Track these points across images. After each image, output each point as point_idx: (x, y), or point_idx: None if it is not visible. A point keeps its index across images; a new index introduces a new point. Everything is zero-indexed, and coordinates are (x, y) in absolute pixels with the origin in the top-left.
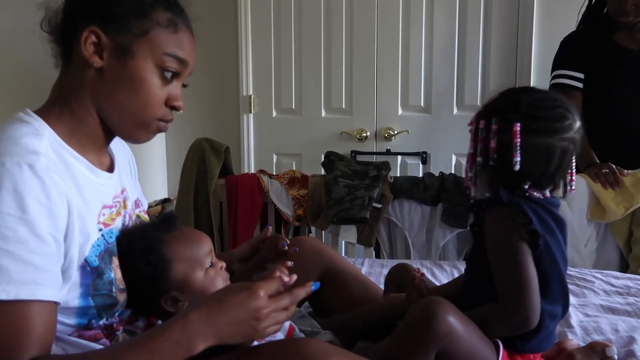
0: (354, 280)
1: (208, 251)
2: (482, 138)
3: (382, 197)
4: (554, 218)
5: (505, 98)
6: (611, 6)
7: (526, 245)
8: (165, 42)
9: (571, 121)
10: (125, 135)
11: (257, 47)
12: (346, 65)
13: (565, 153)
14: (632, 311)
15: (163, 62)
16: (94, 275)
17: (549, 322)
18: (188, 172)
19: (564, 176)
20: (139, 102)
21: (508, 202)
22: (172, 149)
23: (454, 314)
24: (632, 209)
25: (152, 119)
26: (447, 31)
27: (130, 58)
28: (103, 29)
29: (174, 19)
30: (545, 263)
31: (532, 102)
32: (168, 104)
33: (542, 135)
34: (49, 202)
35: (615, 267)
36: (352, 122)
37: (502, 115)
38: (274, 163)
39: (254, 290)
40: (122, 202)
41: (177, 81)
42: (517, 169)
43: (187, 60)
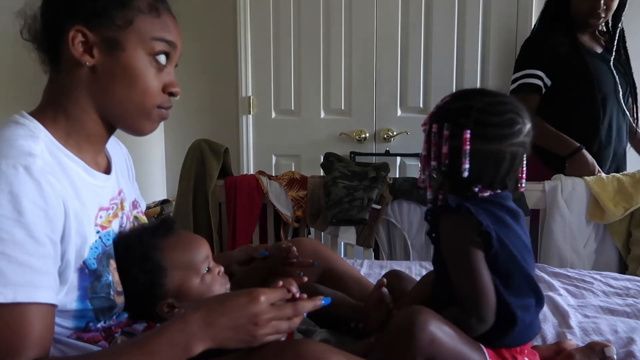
0: (353, 282)
1: (205, 257)
2: (435, 142)
3: (381, 198)
4: (507, 211)
5: (458, 102)
6: (581, 8)
7: (478, 248)
8: (150, 27)
9: (521, 125)
10: (130, 129)
11: (256, 48)
12: (345, 67)
13: (515, 157)
14: (631, 312)
15: (153, 48)
16: (92, 278)
17: (523, 315)
18: (187, 173)
19: (514, 177)
20: (137, 93)
21: (457, 207)
22: (171, 150)
23: (435, 320)
24: (631, 210)
25: (152, 107)
26: (445, 33)
27: (120, 50)
28: (88, 27)
29: (154, 3)
30: (503, 260)
31: (483, 107)
32: (165, 90)
33: (492, 142)
34: (45, 204)
35: (614, 268)
36: (351, 123)
37: (454, 121)
38: (273, 164)
39: (255, 295)
40: (120, 204)
41: (169, 65)
42: (465, 176)
43: (175, 42)
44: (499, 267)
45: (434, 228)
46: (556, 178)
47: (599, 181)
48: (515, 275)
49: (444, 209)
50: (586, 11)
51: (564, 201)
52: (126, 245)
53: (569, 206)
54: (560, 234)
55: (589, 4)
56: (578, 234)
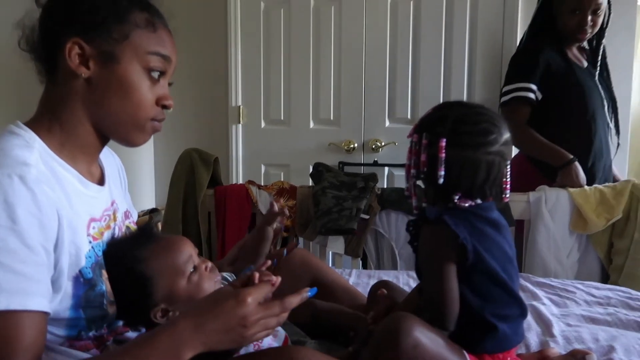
0: (341, 291)
1: (187, 257)
2: (415, 151)
3: (370, 208)
4: (489, 222)
5: (436, 112)
6: (569, 23)
7: (450, 261)
8: (146, 42)
9: (496, 135)
10: (122, 140)
11: (246, 58)
12: (334, 77)
13: (491, 166)
14: (612, 321)
15: (148, 62)
16: (86, 287)
17: (502, 325)
18: (177, 183)
19: (495, 186)
20: (131, 105)
21: (435, 219)
22: (160, 159)
23: (418, 326)
24: (613, 221)
25: (145, 119)
26: (433, 45)
27: (116, 63)
28: (84, 39)
29: (151, 18)
30: (481, 271)
31: (459, 116)
32: (159, 103)
33: (466, 150)
34: (39, 213)
35: (596, 278)
36: (340, 133)
37: (431, 130)
38: (262, 174)
39: (242, 298)
40: (112, 215)
41: (163, 79)
42: (441, 182)
43: (170, 56)
44: (475, 278)
45: (415, 238)
46: (540, 189)
47: (582, 192)
48: (492, 287)
49: (423, 220)
50: (574, 26)
51: (548, 212)
52: (111, 261)
53: (552, 217)
54: (544, 244)
55: (577, 20)
56: (562, 245)
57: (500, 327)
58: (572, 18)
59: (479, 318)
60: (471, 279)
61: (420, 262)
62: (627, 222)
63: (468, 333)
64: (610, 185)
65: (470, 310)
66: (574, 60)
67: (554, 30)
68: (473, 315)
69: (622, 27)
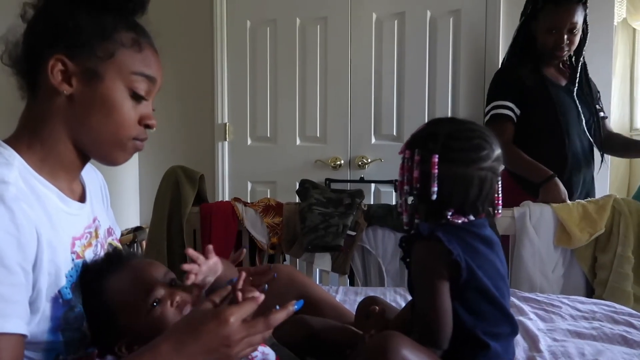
0: (328, 308)
1: (148, 291)
2: (408, 167)
3: (356, 224)
4: (481, 239)
5: (428, 129)
6: (547, 42)
7: (443, 278)
8: (131, 61)
9: (488, 151)
10: (103, 159)
11: (232, 75)
12: (320, 95)
13: (483, 182)
14: (597, 335)
15: (132, 82)
16: (65, 308)
17: (494, 343)
18: (162, 200)
19: (487, 202)
20: (113, 124)
21: (428, 235)
22: (145, 176)
23: (406, 345)
24: (596, 235)
25: (127, 139)
26: (417, 63)
27: (99, 81)
28: (68, 56)
29: (137, 38)
30: (473, 289)
31: (450, 133)
32: (141, 122)
33: (459, 166)
34: (17, 232)
35: (581, 292)
36: (326, 150)
37: (423, 146)
38: (248, 191)
39: (224, 318)
40: (94, 232)
41: (147, 99)
42: (434, 199)
43: (155, 77)
44: (468, 295)
45: (407, 254)
46: (524, 204)
47: (565, 207)
48: (485, 304)
49: (416, 236)
50: (551, 45)
51: (533, 227)
52: (81, 285)
53: (537, 232)
54: (529, 259)
55: (554, 39)
56: (547, 259)
57: (493, 345)
58: (549, 37)
59: (471, 336)
60: (464, 296)
61: (412, 278)
62: (610, 237)
63: (459, 351)
64: (592, 200)
65: (462, 328)
66: (551, 78)
67: (533, 50)
68: (465, 334)
69: (600, 47)
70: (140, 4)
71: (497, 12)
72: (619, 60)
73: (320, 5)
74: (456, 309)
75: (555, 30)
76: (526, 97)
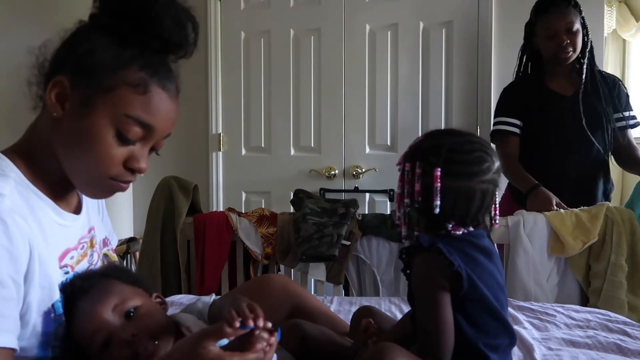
0: (323, 318)
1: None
2: (409, 180)
3: (351, 234)
4: (481, 250)
5: (429, 141)
6: (549, 48)
7: (444, 290)
8: (128, 103)
9: (489, 163)
10: (78, 189)
11: (226, 85)
12: (315, 105)
13: (485, 194)
14: (592, 344)
15: (121, 124)
16: (57, 323)
17: (493, 355)
18: (155, 211)
19: (487, 213)
20: (88, 159)
21: (428, 247)
22: (139, 186)
23: (402, 357)
24: (589, 244)
25: (102, 177)
26: (411, 74)
27: (88, 113)
28: (70, 80)
29: (146, 79)
30: (474, 300)
31: (452, 145)
32: (126, 165)
33: (461, 179)
34: (9, 244)
35: (576, 300)
36: (320, 160)
37: (425, 159)
38: (242, 201)
39: None
40: (89, 242)
41: (142, 143)
42: (437, 212)
43: (153, 125)
44: (469, 307)
45: (407, 266)
46: (518, 213)
47: (558, 216)
48: (485, 316)
49: (417, 248)
50: (553, 49)
51: (527, 236)
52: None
53: (531, 241)
54: (524, 268)
55: (554, 43)
56: (541, 268)
57: (493, 357)
58: (550, 43)
59: (472, 348)
60: (465, 308)
61: (413, 290)
62: (603, 245)
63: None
64: (585, 208)
65: (463, 340)
66: (557, 90)
67: (538, 65)
68: (466, 346)
69: None
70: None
71: (489, 22)
72: (609, 71)
73: (313, 16)
74: (457, 321)
75: (553, 34)
76: (528, 113)
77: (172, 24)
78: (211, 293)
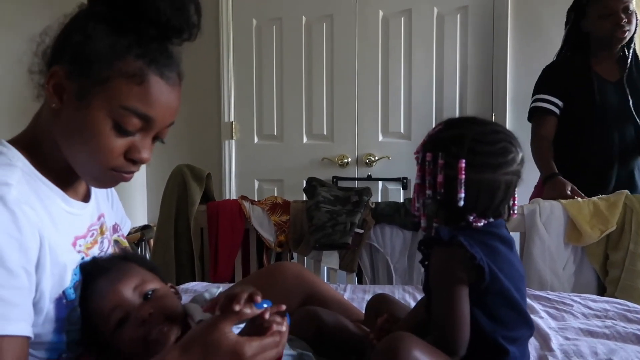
0: (336, 306)
1: (110, 312)
2: (430, 171)
3: (364, 222)
4: (501, 239)
5: (450, 131)
6: (604, 29)
7: (463, 284)
8: (124, 94)
9: (514, 154)
10: (82, 178)
11: (238, 74)
12: (327, 92)
13: (509, 186)
14: (610, 334)
15: (118, 116)
16: (69, 309)
17: (512, 348)
18: (169, 199)
19: (507, 204)
20: (87, 151)
21: (449, 240)
22: (152, 175)
23: (417, 347)
24: (607, 232)
25: (103, 168)
26: (425, 61)
27: (85, 105)
28: (68, 70)
29: (144, 68)
30: (494, 292)
31: (476, 136)
32: (127, 156)
33: (485, 171)
34: (19, 235)
35: (593, 290)
36: (333, 148)
37: (447, 150)
38: (255, 189)
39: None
40: (99, 229)
41: (142, 134)
42: (461, 205)
43: (151, 116)
44: (488, 300)
45: (426, 257)
46: (535, 202)
47: (576, 204)
48: (504, 308)
49: (437, 240)
50: (609, 29)
51: (543, 224)
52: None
53: (547, 229)
54: (539, 256)
55: (611, 22)
56: (557, 257)
57: (511, 350)
58: (606, 22)
59: (490, 342)
60: (484, 301)
61: (430, 282)
62: (622, 234)
63: (477, 357)
64: (603, 196)
65: (481, 333)
66: (601, 74)
67: (585, 46)
68: (484, 339)
69: None
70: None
71: (505, 8)
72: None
73: (326, 3)
74: (475, 315)
75: (611, 13)
76: (570, 93)
77: (170, 8)
78: (224, 281)
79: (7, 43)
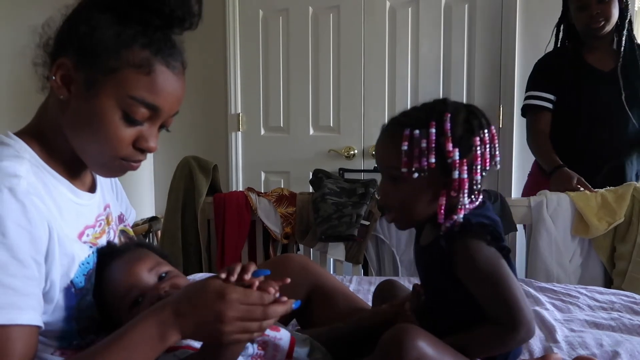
0: (342, 297)
1: (126, 291)
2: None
3: (370, 214)
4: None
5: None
6: (581, 20)
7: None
8: (133, 84)
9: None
10: (90, 168)
11: (245, 65)
12: (334, 84)
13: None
14: (615, 326)
15: (127, 105)
16: (78, 297)
17: None
18: (175, 191)
19: None
20: (98, 141)
21: (477, 226)
22: (159, 167)
23: (423, 339)
24: (614, 225)
25: (112, 157)
26: (432, 51)
27: (93, 95)
28: (74, 61)
29: (150, 58)
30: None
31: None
32: (136, 145)
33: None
34: (29, 225)
35: (599, 282)
36: (339, 140)
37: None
38: (262, 181)
39: (223, 293)
40: (106, 219)
41: (149, 123)
42: (498, 168)
43: (158, 105)
44: None
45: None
46: (542, 194)
47: (583, 196)
48: None
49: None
50: (585, 22)
51: (550, 216)
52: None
53: (554, 221)
54: (546, 248)
55: (586, 14)
56: (564, 249)
57: None
58: (582, 14)
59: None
60: None
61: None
62: (629, 226)
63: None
64: (611, 188)
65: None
66: (593, 64)
67: (575, 38)
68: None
69: None
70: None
71: None
72: None
73: None
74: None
75: (584, 5)
76: (563, 87)
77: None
78: None
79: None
